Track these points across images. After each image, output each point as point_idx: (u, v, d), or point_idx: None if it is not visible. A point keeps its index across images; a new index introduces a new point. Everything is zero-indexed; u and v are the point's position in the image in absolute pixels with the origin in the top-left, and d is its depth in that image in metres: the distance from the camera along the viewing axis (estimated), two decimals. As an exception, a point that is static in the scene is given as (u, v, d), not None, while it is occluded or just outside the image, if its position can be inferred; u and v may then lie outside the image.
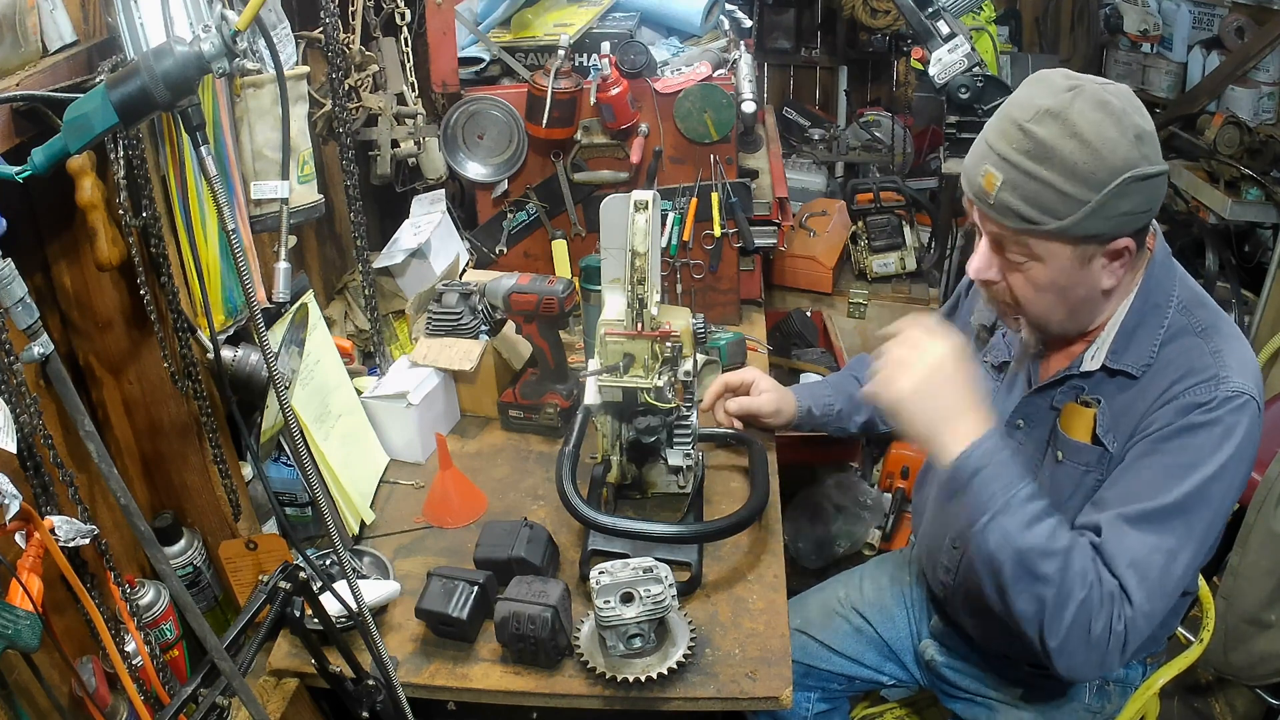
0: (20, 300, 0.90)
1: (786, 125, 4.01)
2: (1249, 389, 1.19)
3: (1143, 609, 1.16)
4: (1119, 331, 1.28)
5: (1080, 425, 1.31)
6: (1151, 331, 1.27)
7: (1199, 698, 2.37)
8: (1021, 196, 1.16)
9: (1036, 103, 1.16)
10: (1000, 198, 1.17)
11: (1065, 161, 1.12)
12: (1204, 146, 3.13)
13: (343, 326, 2.10)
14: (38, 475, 1.06)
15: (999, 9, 3.76)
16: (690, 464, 1.64)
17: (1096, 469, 1.30)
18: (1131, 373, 1.27)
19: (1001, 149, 1.18)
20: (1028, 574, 1.17)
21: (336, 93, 1.74)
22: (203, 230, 1.33)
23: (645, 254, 1.42)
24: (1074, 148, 1.12)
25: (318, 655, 1.25)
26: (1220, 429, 1.18)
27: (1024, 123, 1.16)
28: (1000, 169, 1.17)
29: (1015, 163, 1.16)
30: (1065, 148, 1.13)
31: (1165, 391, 1.23)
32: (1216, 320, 1.27)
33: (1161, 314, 1.27)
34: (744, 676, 1.36)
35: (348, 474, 1.67)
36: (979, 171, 1.21)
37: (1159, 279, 1.29)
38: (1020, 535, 1.17)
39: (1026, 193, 1.15)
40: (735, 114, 2.05)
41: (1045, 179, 1.14)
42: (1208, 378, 1.20)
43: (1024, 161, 1.15)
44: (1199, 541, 1.20)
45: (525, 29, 2.18)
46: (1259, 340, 2.85)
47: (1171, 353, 1.25)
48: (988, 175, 1.19)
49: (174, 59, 0.94)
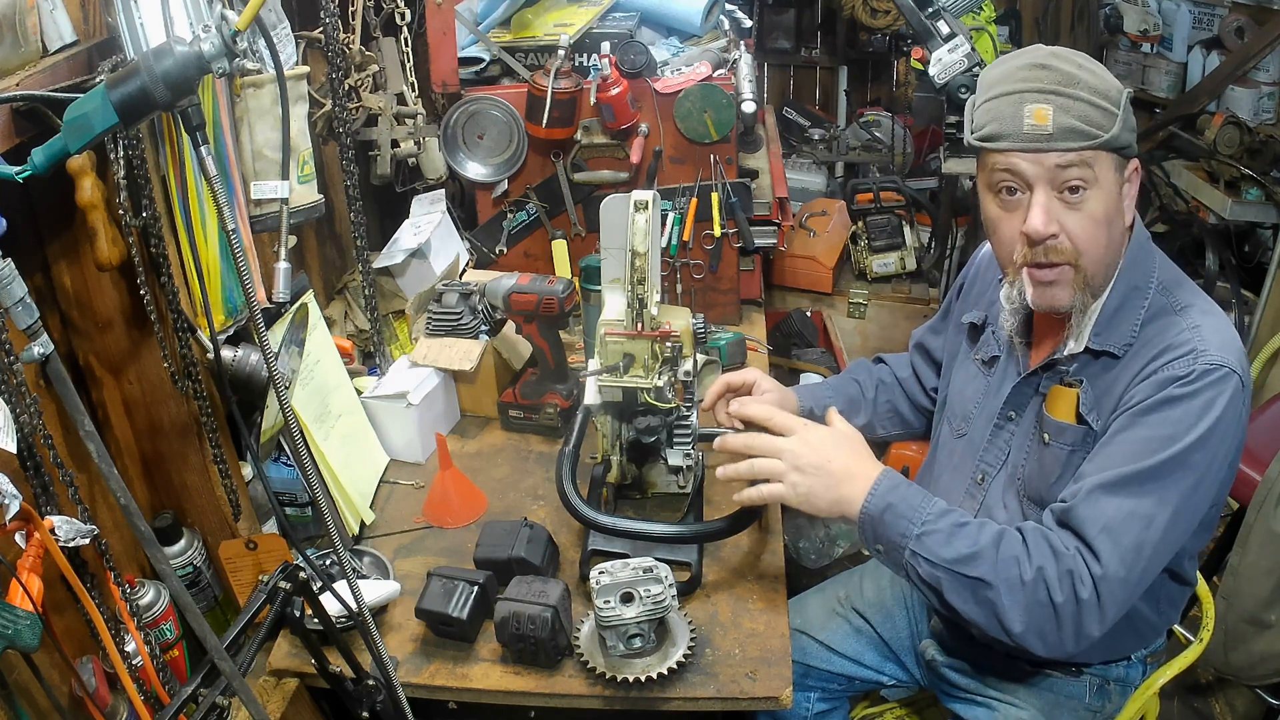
0: (20, 300, 0.90)
1: (786, 125, 4.01)
2: (1229, 362, 1.21)
3: (1117, 574, 1.19)
4: (1101, 314, 1.31)
5: (1064, 405, 1.34)
6: (1133, 312, 1.30)
7: (1199, 698, 2.37)
8: (1077, 116, 1.21)
9: (1031, 57, 1.25)
10: (1060, 122, 1.22)
11: (1089, 83, 1.22)
12: (1204, 146, 3.13)
13: (343, 326, 2.10)
14: (38, 475, 1.06)
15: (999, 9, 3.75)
16: (690, 464, 1.64)
17: (1082, 448, 1.32)
18: (1114, 353, 1.30)
19: (1037, 86, 1.23)
20: (964, 583, 1.23)
21: (336, 93, 1.74)
22: (203, 230, 1.33)
23: (645, 254, 1.42)
24: (1088, 73, 1.23)
25: (318, 655, 1.25)
26: (1200, 401, 1.20)
27: (1042, 62, 1.24)
28: (1046, 101, 1.22)
29: (1057, 90, 1.22)
30: (1083, 73, 1.23)
31: (1145, 367, 1.26)
32: (1194, 298, 1.31)
33: (1142, 295, 1.31)
34: (744, 676, 1.36)
35: (348, 474, 1.67)
36: (1024, 114, 1.23)
37: (1140, 261, 1.33)
38: (944, 550, 1.24)
39: (1078, 113, 1.21)
40: (735, 114, 2.05)
41: (1085, 98, 1.21)
42: (1185, 352, 1.23)
43: (1063, 88, 1.22)
44: (1177, 508, 1.21)
45: (525, 29, 2.18)
46: (1259, 340, 2.85)
47: (1151, 331, 1.29)
48: (1037, 111, 1.23)
49: (174, 59, 0.94)
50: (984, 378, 1.51)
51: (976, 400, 1.51)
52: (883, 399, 1.79)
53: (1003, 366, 1.47)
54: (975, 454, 1.49)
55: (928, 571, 1.25)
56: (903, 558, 1.27)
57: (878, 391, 1.79)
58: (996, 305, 1.49)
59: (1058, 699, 1.51)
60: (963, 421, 1.53)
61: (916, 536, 1.26)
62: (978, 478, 1.48)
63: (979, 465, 1.48)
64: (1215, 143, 3.06)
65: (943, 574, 1.24)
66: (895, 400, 1.80)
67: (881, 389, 1.80)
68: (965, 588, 1.23)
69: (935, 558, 1.24)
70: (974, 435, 1.50)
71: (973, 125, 1.30)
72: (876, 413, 1.79)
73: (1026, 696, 1.52)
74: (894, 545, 1.28)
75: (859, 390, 1.79)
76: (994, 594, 1.21)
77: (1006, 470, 1.44)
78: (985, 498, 1.47)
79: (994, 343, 1.50)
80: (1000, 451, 1.45)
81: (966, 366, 1.56)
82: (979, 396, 1.51)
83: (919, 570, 1.26)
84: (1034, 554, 1.21)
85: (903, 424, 1.82)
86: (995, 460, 1.46)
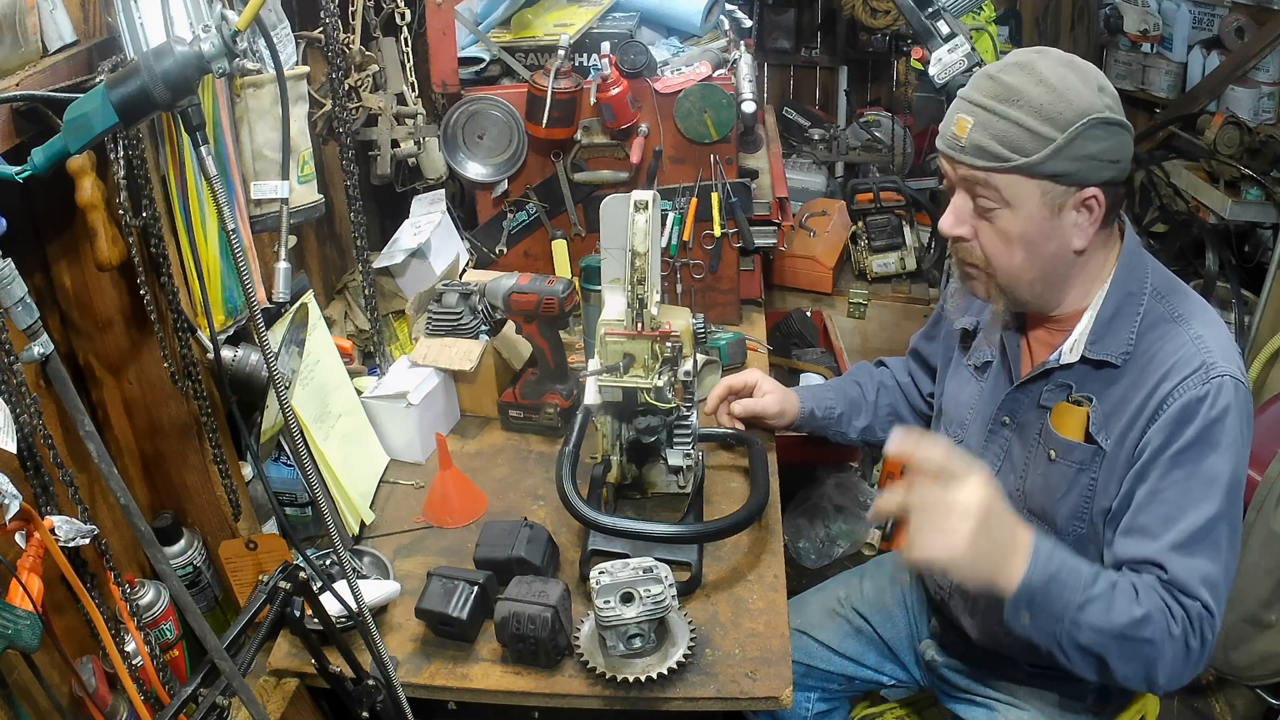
0: (20, 300, 0.90)
1: (786, 125, 4.00)
2: (1233, 370, 1.23)
3: (1220, 610, 1.21)
4: (1096, 321, 1.30)
5: (1073, 424, 1.32)
6: (1128, 319, 1.29)
7: (1199, 698, 2.37)
8: (991, 135, 1.20)
9: (1006, 60, 1.25)
10: (971, 138, 1.22)
11: (1031, 102, 1.18)
12: (1204, 146, 3.13)
13: (343, 326, 2.10)
14: (38, 475, 1.06)
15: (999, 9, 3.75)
16: (690, 464, 1.64)
17: (1090, 467, 1.31)
18: (1113, 362, 1.29)
19: (972, 96, 1.24)
20: (1131, 646, 1.18)
21: (336, 93, 1.74)
22: (203, 230, 1.33)
23: (645, 254, 1.42)
24: (1040, 91, 1.19)
25: (318, 655, 1.25)
26: (1224, 424, 1.21)
27: (994, 73, 1.23)
28: (970, 113, 1.23)
29: (985, 105, 1.22)
30: (1032, 91, 1.19)
31: (1156, 388, 1.24)
32: (1191, 305, 1.30)
33: (1137, 301, 1.30)
34: (744, 676, 1.36)
35: (348, 474, 1.67)
36: (951, 122, 1.26)
37: (1132, 267, 1.32)
38: (1111, 619, 1.17)
39: (995, 131, 1.20)
40: (735, 114, 2.05)
41: (1013, 118, 1.19)
42: (1196, 368, 1.22)
43: (993, 104, 1.21)
44: (1237, 520, 1.25)
45: (525, 29, 2.18)
46: (1259, 340, 2.85)
47: (1153, 341, 1.27)
48: (959, 121, 1.24)
49: (174, 59, 0.94)
50: (977, 383, 1.51)
51: (971, 406, 1.51)
52: (884, 402, 1.79)
53: (995, 372, 1.47)
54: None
55: (1092, 639, 1.18)
56: (1061, 627, 1.18)
57: (879, 394, 1.79)
58: (987, 310, 1.49)
59: (1058, 699, 1.51)
60: (958, 428, 1.53)
61: (1079, 606, 1.17)
62: (974, 482, 1.48)
63: None
64: (1215, 143, 3.06)
65: (1110, 640, 1.18)
66: (896, 404, 1.80)
67: (883, 392, 1.80)
68: (1132, 650, 1.18)
69: (1104, 625, 1.17)
70: (969, 441, 1.50)
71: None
72: (878, 416, 1.79)
73: (1026, 697, 1.52)
74: (1054, 616, 1.18)
75: (860, 393, 1.79)
76: (1156, 651, 1.18)
77: (1006, 481, 1.43)
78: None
79: (985, 348, 1.50)
80: (996, 457, 1.45)
81: (960, 372, 1.56)
82: (973, 402, 1.51)
83: (1079, 638, 1.18)
84: (1171, 608, 1.19)
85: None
86: (991, 466, 1.45)
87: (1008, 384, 1.43)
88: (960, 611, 1.54)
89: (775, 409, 1.71)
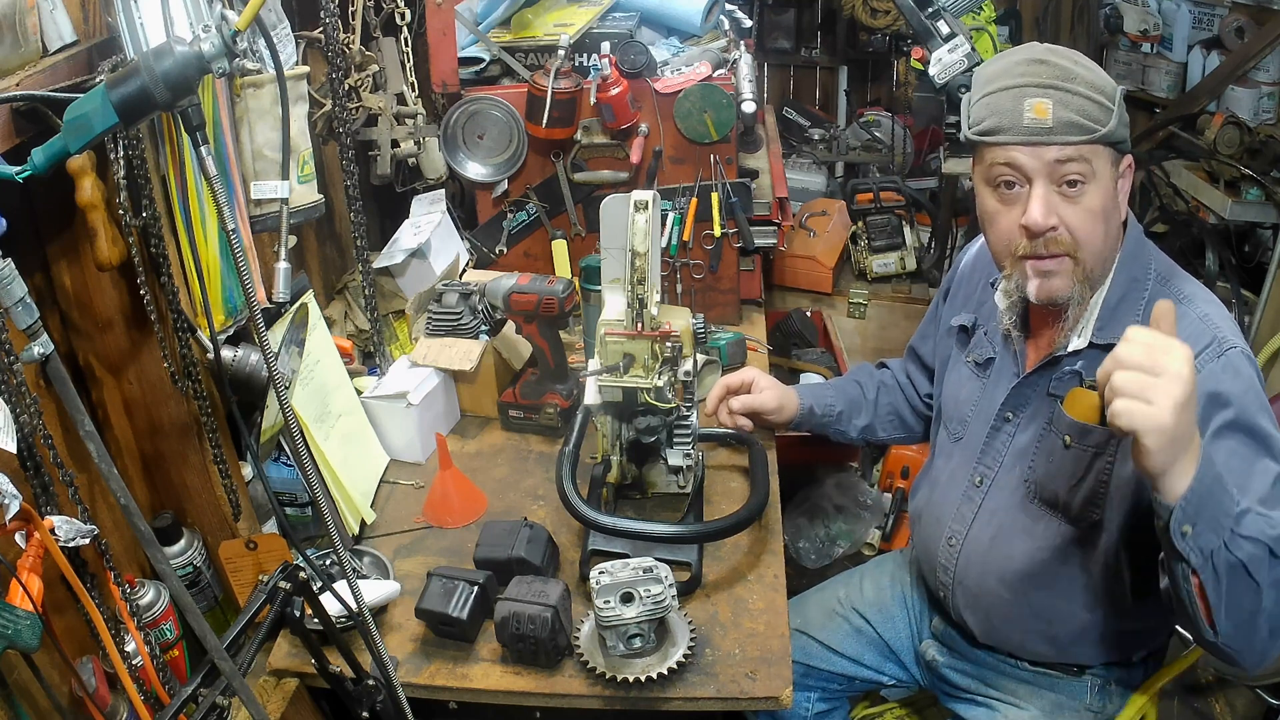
0: (20, 300, 0.90)
1: (786, 125, 4.00)
2: (1243, 345, 1.26)
3: None
4: (1103, 307, 1.32)
5: (1086, 407, 1.31)
6: (1133, 305, 1.32)
7: (1199, 698, 2.36)
8: (1075, 110, 1.22)
9: (1028, 53, 1.27)
10: (1059, 116, 1.22)
11: (1085, 78, 1.23)
12: (1204, 146, 3.13)
13: (343, 326, 2.10)
14: (38, 475, 1.06)
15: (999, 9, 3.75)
16: (690, 464, 1.64)
17: (1106, 450, 1.30)
18: None
19: (1036, 80, 1.24)
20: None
21: (336, 93, 1.74)
22: (203, 230, 1.33)
23: (645, 254, 1.42)
24: (1084, 69, 1.25)
25: (318, 655, 1.25)
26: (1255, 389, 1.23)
27: (1040, 57, 1.25)
28: (1046, 95, 1.23)
29: (1056, 85, 1.23)
30: (1079, 69, 1.24)
31: None
32: (1192, 287, 1.34)
33: (1141, 286, 1.33)
34: (744, 676, 1.36)
35: (348, 474, 1.67)
36: (1024, 108, 1.24)
37: (1136, 254, 1.34)
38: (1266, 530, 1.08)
39: (1076, 107, 1.22)
40: (735, 114, 2.05)
41: (1083, 93, 1.22)
42: (1208, 343, 1.24)
43: (1061, 83, 1.23)
44: None
45: (525, 29, 2.18)
46: (1259, 340, 2.84)
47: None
48: (1037, 105, 1.24)
49: (174, 59, 0.94)
50: (978, 380, 1.50)
51: (971, 403, 1.51)
52: (884, 401, 1.80)
53: (998, 368, 1.47)
54: (972, 457, 1.48)
55: (1249, 553, 1.06)
56: (1220, 540, 1.07)
57: (879, 394, 1.80)
58: (987, 306, 1.49)
59: (1058, 699, 1.51)
60: (959, 425, 1.53)
61: (1237, 516, 1.07)
62: (975, 480, 1.48)
63: (976, 468, 1.48)
64: (1215, 143, 3.06)
65: (1265, 559, 1.07)
66: (896, 404, 1.80)
67: (884, 391, 1.80)
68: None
69: (1262, 536, 1.07)
70: (970, 438, 1.50)
71: (970, 120, 1.30)
72: (878, 415, 1.79)
73: (1027, 697, 1.52)
74: (1215, 525, 1.06)
75: (860, 392, 1.79)
76: None
77: (1010, 473, 1.43)
78: (984, 500, 1.47)
79: (987, 344, 1.50)
80: (998, 454, 1.45)
81: (958, 370, 1.56)
82: (974, 399, 1.51)
83: (1236, 554, 1.06)
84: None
85: (904, 428, 1.82)
86: (993, 462, 1.46)
87: (1014, 376, 1.43)
88: (963, 608, 1.54)
89: (774, 404, 1.71)
